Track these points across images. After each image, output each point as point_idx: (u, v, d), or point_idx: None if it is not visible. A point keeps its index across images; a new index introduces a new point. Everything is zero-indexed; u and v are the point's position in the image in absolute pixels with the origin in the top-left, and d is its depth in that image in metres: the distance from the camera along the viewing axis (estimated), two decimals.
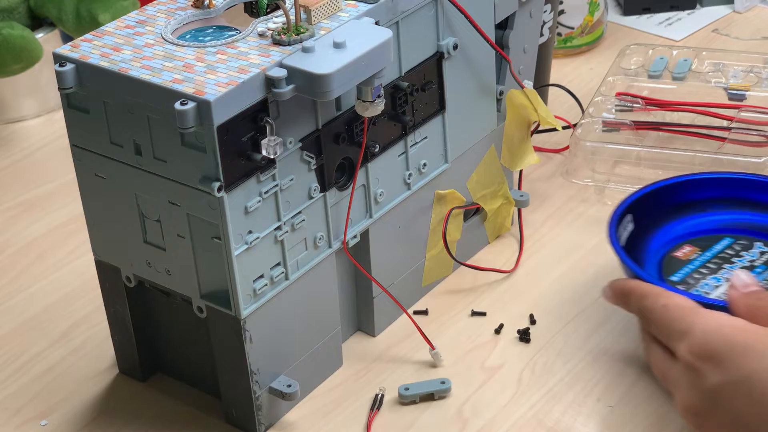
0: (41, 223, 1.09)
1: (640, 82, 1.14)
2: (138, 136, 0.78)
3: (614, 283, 0.85)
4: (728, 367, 0.74)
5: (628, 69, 1.15)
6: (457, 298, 0.96)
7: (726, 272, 0.90)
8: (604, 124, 1.09)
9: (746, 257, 0.92)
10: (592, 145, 1.06)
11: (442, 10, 0.88)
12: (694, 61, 1.14)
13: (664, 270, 0.91)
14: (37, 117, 1.25)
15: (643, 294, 0.81)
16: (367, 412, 0.86)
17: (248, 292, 0.81)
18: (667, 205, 0.95)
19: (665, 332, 0.79)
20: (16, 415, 0.88)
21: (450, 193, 0.95)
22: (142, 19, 0.82)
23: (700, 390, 0.75)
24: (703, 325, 0.76)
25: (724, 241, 0.93)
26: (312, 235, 0.84)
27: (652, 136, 1.09)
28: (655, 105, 1.11)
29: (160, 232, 0.81)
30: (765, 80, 1.12)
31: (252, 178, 0.78)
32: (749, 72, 1.13)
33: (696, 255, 0.92)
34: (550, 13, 1.12)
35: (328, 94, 0.76)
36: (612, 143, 1.06)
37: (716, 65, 1.14)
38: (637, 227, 0.93)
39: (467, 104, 0.94)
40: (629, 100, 1.11)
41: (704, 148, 1.06)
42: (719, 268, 0.91)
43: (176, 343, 0.88)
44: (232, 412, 0.86)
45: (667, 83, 1.13)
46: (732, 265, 0.91)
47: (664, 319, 0.78)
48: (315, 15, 0.80)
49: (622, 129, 1.08)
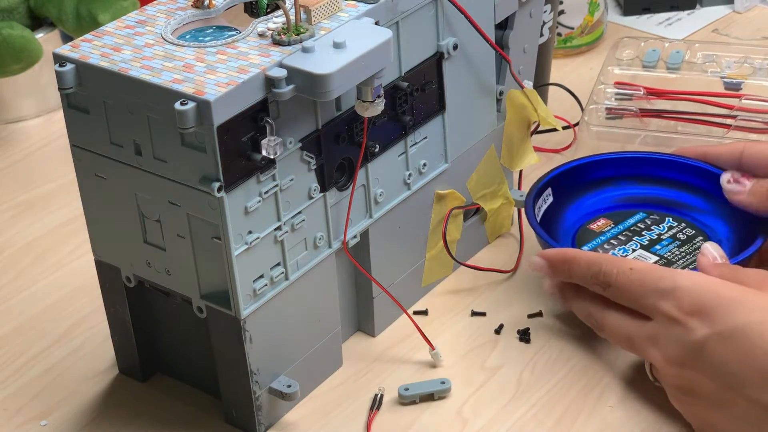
0: (41, 223, 1.09)
1: (635, 70, 1.15)
2: (138, 136, 0.78)
3: (548, 252, 0.87)
4: (716, 319, 0.76)
5: (622, 60, 1.16)
6: (457, 298, 0.96)
7: (634, 244, 0.94)
8: (607, 111, 1.10)
9: (655, 231, 0.95)
10: (598, 130, 1.07)
11: (442, 10, 0.88)
12: (687, 52, 1.16)
13: (578, 240, 0.96)
14: (37, 117, 1.25)
15: (592, 261, 0.83)
16: (366, 412, 0.86)
17: (248, 292, 0.81)
18: (586, 181, 0.99)
19: (636, 294, 0.80)
20: (16, 415, 0.88)
21: (450, 193, 0.95)
22: (142, 19, 0.82)
23: (686, 344, 0.77)
24: (688, 281, 0.78)
25: (638, 216, 0.97)
26: (312, 235, 0.84)
27: (655, 124, 1.10)
28: (655, 94, 1.12)
29: (160, 232, 0.81)
30: (759, 70, 1.14)
31: (252, 178, 0.78)
32: (743, 62, 1.14)
33: (609, 228, 0.96)
34: (550, 13, 1.12)
35: (328, 94, 0.76)
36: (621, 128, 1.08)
37: (709, 56, 1.15)
38: (556, 201, 0.98)
39: (467, 104, 0.94)
40: (628, 89, 1.12)
41: (709, 134, 1.08)
42: (629, 240, 0.95)
43: (176, 343, 0.88)
44: (232, 412, 0.86)
45: (663, 72, 1.15)
46: (641, 237, 0.95)
47: (636, 281, 0.80)
48: (315, 15, 0.80)
49: (625, 116, 1.09)
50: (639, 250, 0.94)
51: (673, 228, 0.96)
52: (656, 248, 0.94)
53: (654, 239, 0.95)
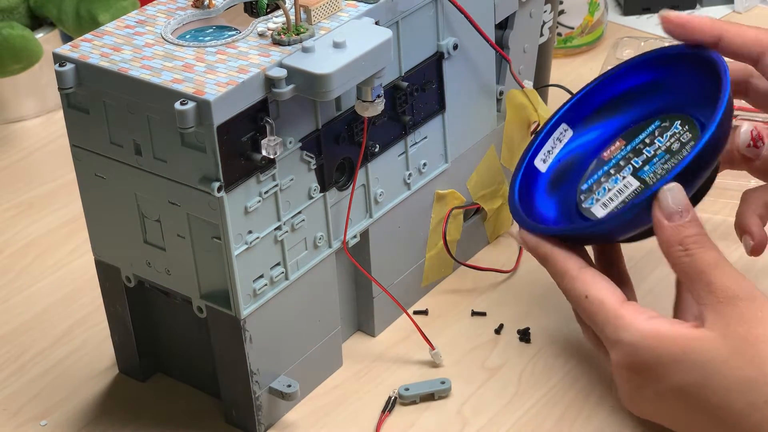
0: (41, 223, 1.09)
1: None
2: (138, 136, 0.78)
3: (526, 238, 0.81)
4: (658, 378, 0.74)
5: (622, 60, 1.16)
6: (457, 298, 0.96)
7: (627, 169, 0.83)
8: None
9: (656, 144, 0.84)
10: None
11: (442, 10, 0.88)
12: None
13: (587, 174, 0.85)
14: (37, 117, 1.25)
15: (559, 271, 0.79)
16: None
17: (248, 292, 0.81)
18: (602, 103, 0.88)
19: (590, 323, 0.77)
20: (16, 415, 0.88)
21: (450, 193, 0.95)
22: (142, 19, 0.82)
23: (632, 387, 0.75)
24: (628, 337, 0.74)
25: (651, 127, 0.85)
26: (312, 235, 0.84)
27: None
28: None
29: (160, 232, 0.81)
30: None
31: (252, 178, 0.78)
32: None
33: (619, 151, 0.85)
34: (550, 13, 1.12)
35: (328, 94, 0.76)
36: None
37: None
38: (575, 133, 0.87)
39: (467, 104, 0.94)
40: None
41: None
42: (626, 164, 0.84)
43: (176, 343, 0.88)
44: (232, 412, 0.86)
45: None
46: (638, 157, 0.83)
47: (589, 312, 0.77)
48: (315, 15, 0.80)
49: None
50: (628, 177, 0.82)
51: (675, 135, 0.83)
52: (644, 170, 0.82)
53: (649, 156, 0.83)
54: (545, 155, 0.87)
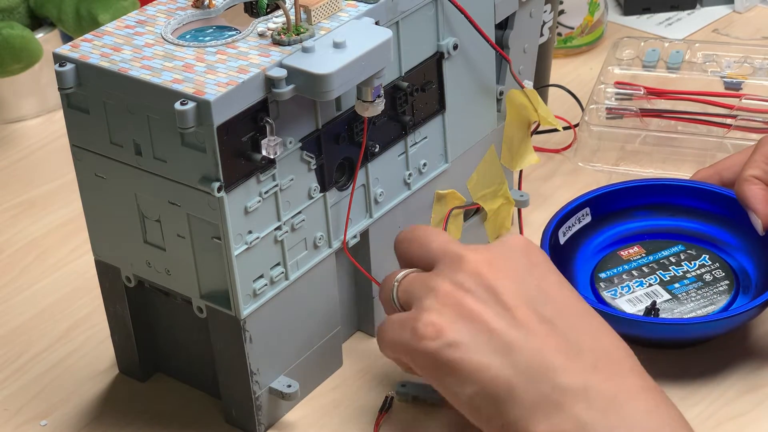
0: (41, 223, 1.09)
1: (635, 70, 1.15)
2: (138, 136, 0.78)
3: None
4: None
5: (622, 60, 1.17)
6: None
7: (653, 278, 0.91)
8: (607, 111, 1.10)
9: (684, 267, 0.92)
10: (599, 130, 1.07)
11: (442, 10, 0.88)
12: (687, 52, 1.16)
13: (600, 265, 0.93)
14: (37, 117, 1.25)
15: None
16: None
17: (248, 292, 0.81)
18: (629, 205, 0.96)
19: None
20: (16, 415, 0.88)
21: (450, 193, 0.95)
22: (142, 19, 0.82)
23: None
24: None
25: (675, 248, 0.94)
26: (312, 235, 0.84)
27: (656, 123, 1.10)
28: (655, 94, 1.12)
29: (160, 232, 0.81)
30: (759, 70, 1.15)
31: (252, 178, 0.78)
32: (743, 62, 1.15)
33: (639, 256, 0.93)
34: (550, 13, 1.12)
35: (328, 94, 0.76)
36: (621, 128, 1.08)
37: (709, 56, 1.16)
38: (594, 221, 0.95)
39: (467, 104, 0.94)
40: (628, 88, 1.12)
41: (710, 134, 1.08)
42: (652, 273, 0.92)
43: (176, 343, 0.88)
44: (232, 412, 0.86)
45: (663, 72, 1.15)
46: (665, 272, 0.91)
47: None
48: (315, 15, 0.80)
49: (626, 116, 1.10)
50: (655, 285, 0.90)
51: (705, 267, 0.92)
52: (674, 286, 0.90)
53: (678, 276, 0.91)
54: (566, 230, 0.94)
